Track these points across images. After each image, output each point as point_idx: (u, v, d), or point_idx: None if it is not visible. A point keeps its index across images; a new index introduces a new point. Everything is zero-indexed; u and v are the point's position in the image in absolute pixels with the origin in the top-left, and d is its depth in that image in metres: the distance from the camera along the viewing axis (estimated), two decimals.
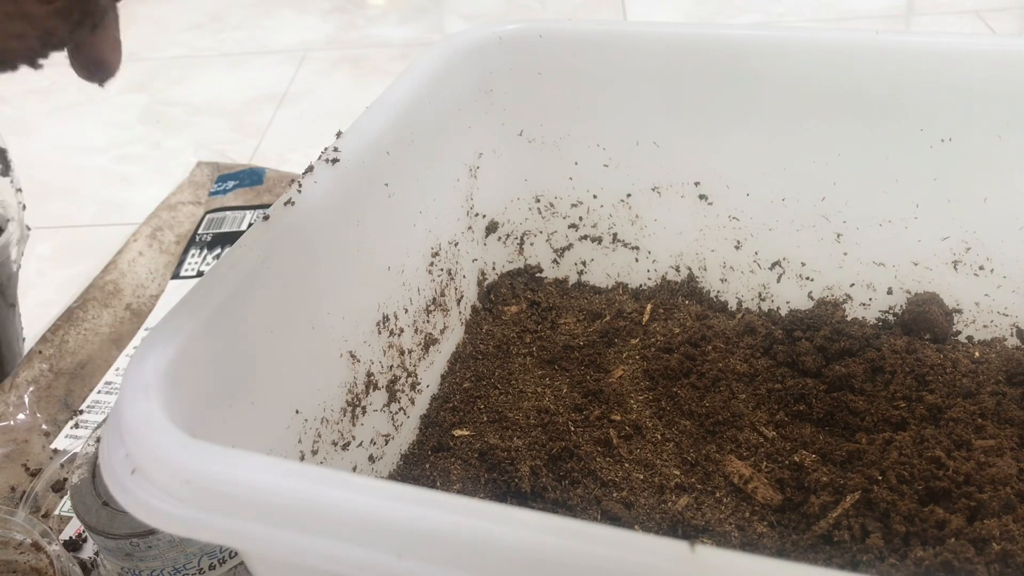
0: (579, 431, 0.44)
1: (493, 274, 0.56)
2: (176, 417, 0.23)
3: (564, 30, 0.48)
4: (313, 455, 0.35)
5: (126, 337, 0.61)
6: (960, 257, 0.48)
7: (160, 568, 0.38)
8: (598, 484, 0.41)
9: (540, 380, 0.48)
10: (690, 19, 1.17)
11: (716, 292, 0.53)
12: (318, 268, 0.35)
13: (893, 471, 0.38)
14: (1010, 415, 0.41)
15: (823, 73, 0.45)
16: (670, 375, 0.47)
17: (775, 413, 0.44)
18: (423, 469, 0.43)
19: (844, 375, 0.44)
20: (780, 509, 0.40)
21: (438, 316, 0.48)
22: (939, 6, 1.16)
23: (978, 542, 0.34)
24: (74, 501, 0.38)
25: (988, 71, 0.43)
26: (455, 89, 0.47)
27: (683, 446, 0.43)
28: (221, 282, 0.29)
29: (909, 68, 0.44)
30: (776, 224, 0.50)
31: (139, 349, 0.26)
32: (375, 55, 1.18)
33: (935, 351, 0.46)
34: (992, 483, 0.36)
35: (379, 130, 0.40)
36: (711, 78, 0.47)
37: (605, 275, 0.56)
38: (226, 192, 0.74)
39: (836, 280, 0.51)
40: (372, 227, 0.40)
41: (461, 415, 0.46)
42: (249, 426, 0.30)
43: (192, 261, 0.67)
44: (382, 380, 0.42)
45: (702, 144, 0.49)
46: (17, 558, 0.42)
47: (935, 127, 0.45)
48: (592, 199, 0.54)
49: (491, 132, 0.51)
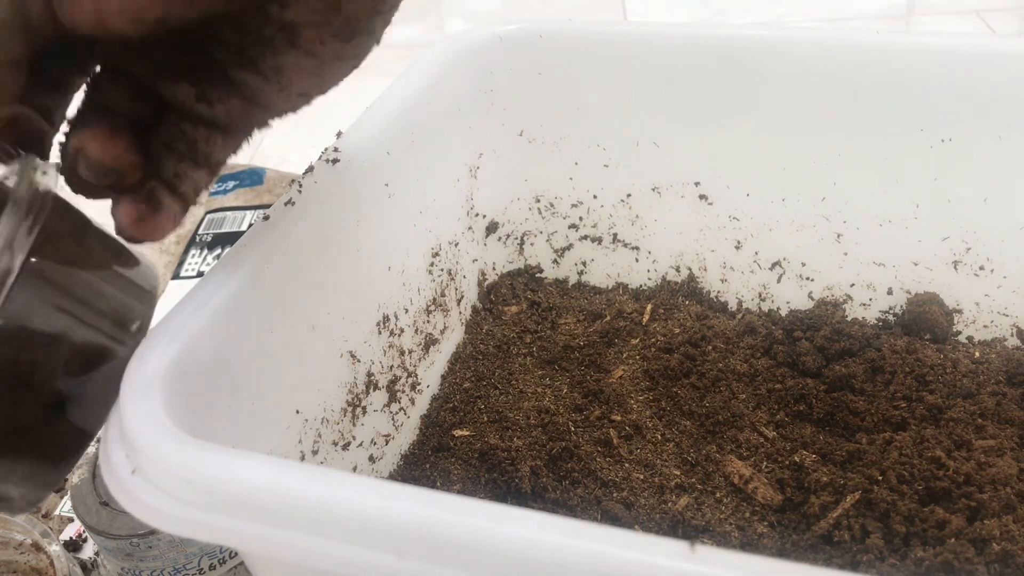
0: (579, 431, 0.44)
1: (493, 274, 0.56)
2: (176, 417, 0.23)
3: (564, 30, 0.48)
4: (313, 455, 0.35)
5: None
6: (960, 257, 0.48)
7: (160, 568, 0.38)
8: (598, 484, 0.41)
9: (540, 380, 0.48)
10: (690, 19, 1.17)
11: (716, 292, 0.53)
12: (318, 268, 0.35)
13: (893, 471, 0.38)
14: (1010, 415, 0.41)
15: (823, 73, 0.45)
16: (670, 375, 0.47)
17: (775, 413, 0.44)
18: (423, 469, 0.43)
19: (844, 375, 0.44)
20: (780, 509, 0.40)
21: (438, 316, 0.48)
22: (939, 6, 1.16)
23: (978, 542, 0.34)
24: (74, 501, 0.38)
25: (988, 71, 0.43)
26: (455, 89, 0.47)
27: (683, 446, 0.43)
28: (221, 282, 0.29)
29: (909, 68, 0.44)
30: (776, 224, 0.50)
31: (139, 349, 0.26)
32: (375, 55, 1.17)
33: (935, 351, 0.46)
34: (992, 483, 0.36)
35: (379, 130, 0.40)
36: (711, 78, 0.47)
37: (605, 275, 0.56)
38: (226, 192, 0.74)
39: (836, 280, 0.51)
40: (372, 227, 0.40)
41: (461, 415, 0.46)
42: (249, 426, 0.30)
43: (192, 261, 0.67)
44: (382, 380, 0.42)
45: (702, 144, 0.49)
46: (17, 558, 0.42)
47: (935, 127, 0.45)
48: (592, 199, 0.54)
49: (491, 132, 0.51)
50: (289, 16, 0.23)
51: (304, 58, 0.24)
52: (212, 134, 0.26)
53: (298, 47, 0.24)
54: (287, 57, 0.24)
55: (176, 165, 0.26)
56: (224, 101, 0.25)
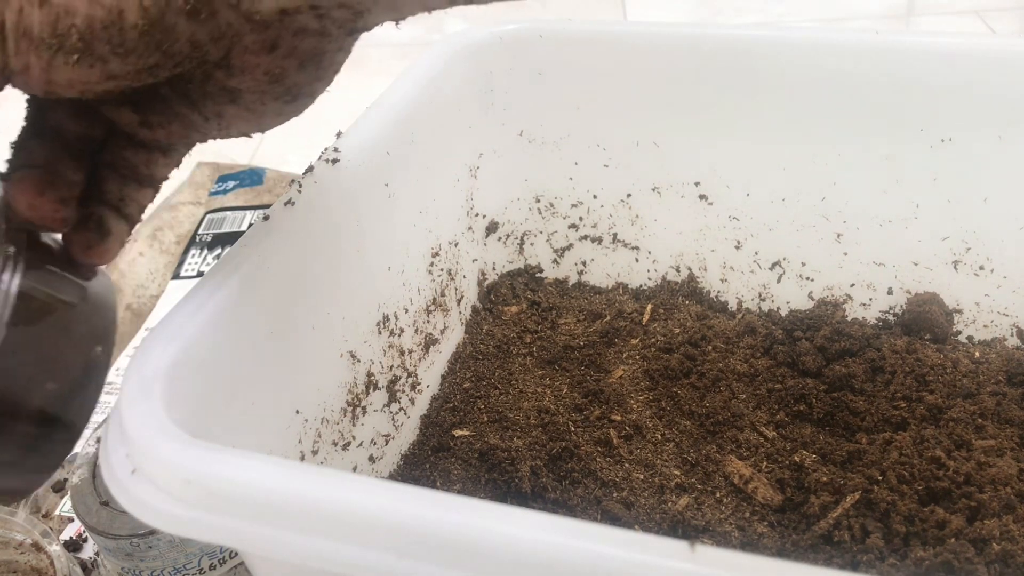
0: (579, 431, 0.44)
1: (493, 274, 0.56)
2: (176, 417, 0.23)
3: (564, 30, 0.48)
4: (313, 455, 0.35)
5: (126, 337, 0.61)
6: (960, 257, 0.48)
7: (160, 568, 0.38)
8: (598, 484, 0.41)
9: (540, 380, 0.48)
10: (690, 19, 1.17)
11: (716, 292, 0.53)
12: (318, 268, 0.35)
13: (893, 471, 0.38)
14: (1010, 415, 0.41)
15: (823, 73, 0.45)
16: (670, 375, 0.47)
17: (775, 413, 0.44)
18: (423, 469, 0.43)
19: (844, 375, 0.44)
20: (780, 509, 0.40)
21: (438, 316, 0.48)
22: (939, 6, 1.16)
23: (978, 542, 0.34)
24: (74, 501, 0.38)
25: (988, 71, 0.43)
26: (455, 89, 0.47)
27: (683, 446, 0.43)
28: (221, 282, 0.29)
29: (909, 68, 0.44)
30: (776, 224, 0.50)
31: (139, 349, 0.26)
32: (375, 55, 1.18)
33: (935, 351, 0.46)
34: (992, 483, 0.36)
35: (379, 130, 0.40)
36: (711, 78, 0.47)
37: (605, 275, 0.56)
38: (226, 192, 0.74)
39: (836, 280, 0.51)
40: (372, 227, 0.40)
41: (461, 415, 0.46)
42: (249, 426, 0.30)
43: (192, 261, 0.67)
44: (382, 380, 0.42)
45: (702, 144, 0.49)
46: (18, 558, 0.42)
47: (935, 127, 0.45)
48: (592, 199, 0.54)
49: (491, 132, 0.51)
50: (234, 83, 0.24)
51: (244, 111, 0.26)
52: (153, 155, 0.27)
53: (239, 105, 0.25)
54: (228, 108, 0.25)
55: (121, 188, 0.27)
56: (165, 126, 0.26)
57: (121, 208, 0.27)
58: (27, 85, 0.22)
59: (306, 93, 0.26)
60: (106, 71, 0.22)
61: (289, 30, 0.23)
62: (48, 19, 0.21)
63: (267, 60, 0.24)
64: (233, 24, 0.22)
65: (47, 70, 0.21)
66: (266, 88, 0.25)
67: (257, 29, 0.23)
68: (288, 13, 0.23)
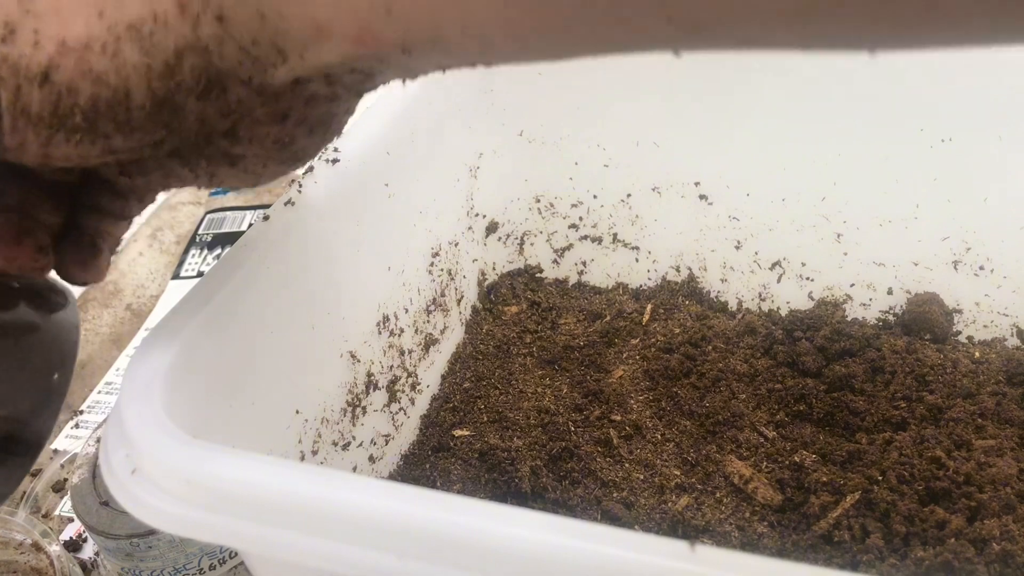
0: (579, 431, 0.44)
1: (493, 274, 0.56)
2: (176, 417, 0.23)
3: None
4: (313, 455, 0.35)
5: (126, 337, 0.61)
6: (960, 257, 0.48)
7: (160, 568, 0.38)
8: (598, 484, 0.41)
9: (540, 380, 0.48)
10: None
11: (716, 292, 0.53)
12: (318, 268, 0.35)
13: (893, 471, 0.38)
14: (1010, 415, 0.41)
15: (823, 73, 0.45)
16: (670, 375, 0.47)
17: (775, 413, 0.44)
18: (423, 469, 0.43)
19: (844, 375, 0.44)
20: (780, 509, 0.40)
21: (438, 316, 0.48)
22: None
23: (978, 542, 0.34)
24: (74, 501, 0.38)
25: (988, 71, 0.43)
26: (455, 89, 0.47)
27: (683, 446, 0.43)
28: (221, 282, 0.29)
29: (909, 68, 0.44)
30: (776, 224, 0.50)
31: (139, 349, 0.26)
32: None
33: (935, 351, 0.46)
34: (992, 483, 0.36)
35: (379, 130, 0.40)
36: (711, 78, 0.47)
37: (605, 275, 0.56)
38: (226, 192, 0.74)
39: (836, 280, 0.51)
40: (372, 227, 0.40)
41: (461, 415, 0.46)
42: (249, 426, 0.30)
43: (192, 261, 0.67)
44: (382, 380, 0.42)
45: (702, 144, 0.49)
46: (18, 558, 0.42)
47: (935, 127, 0.45)
48: (592, 199, 0.54)
49: (491, 132, 0.51)
50: (238, 151, 0.23)
51: (242, 173, 0.25)
52: (131, 200, 0.26)
53: (237, 167, 0.24)
54: (223, 169, 0.24)
55: (98, 223, 0.26)
56: (146, 175, 0.25)
57: (96, 242, 0.26)
58: (21, 159, 0.21)
59: (309, 156, 0.25)
60: (108, 147, 0.21)
61: (300, 99, 0.23)
62: (49, 99, 0.20)
63: (277, 129, 0.23)
64: (244, 100, 0.22)
65: (45, 146, 0.21)
66: (272, 154, 0.24)
67: (268, 102, 0.22)
68: (301, 82, 0.22)
